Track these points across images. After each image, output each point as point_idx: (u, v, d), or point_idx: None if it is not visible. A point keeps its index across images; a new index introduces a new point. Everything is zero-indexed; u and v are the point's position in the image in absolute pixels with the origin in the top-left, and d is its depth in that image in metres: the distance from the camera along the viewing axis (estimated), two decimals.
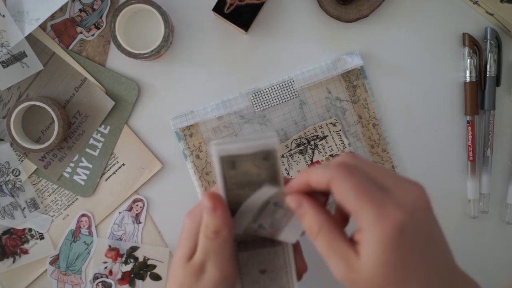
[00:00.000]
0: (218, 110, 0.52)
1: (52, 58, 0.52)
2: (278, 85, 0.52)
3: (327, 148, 0.52)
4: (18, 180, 0.52)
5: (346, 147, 0.53)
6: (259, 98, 0.52)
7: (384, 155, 0.53)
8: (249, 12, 0.49)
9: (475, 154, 0.53)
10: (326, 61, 0.52)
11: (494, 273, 0.54)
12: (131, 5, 0.49)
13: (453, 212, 0.54)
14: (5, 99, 0.52)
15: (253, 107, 0.52)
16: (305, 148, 0.52)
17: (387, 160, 0.53)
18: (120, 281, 0.53)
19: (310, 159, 0.52)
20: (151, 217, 0.53)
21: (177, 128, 0.52)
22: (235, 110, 0.52)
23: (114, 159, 0.53)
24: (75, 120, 0.52)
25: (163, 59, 0.52)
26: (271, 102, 0.52)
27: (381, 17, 0.53)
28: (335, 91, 0.53)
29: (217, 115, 0.52)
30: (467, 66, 0.52)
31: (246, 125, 0.52)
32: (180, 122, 0.52)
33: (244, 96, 0.52)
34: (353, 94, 0.53)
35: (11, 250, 0.53)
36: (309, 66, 0.53)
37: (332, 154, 0.52)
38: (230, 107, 0.52)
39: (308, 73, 0.52)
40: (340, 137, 0.53)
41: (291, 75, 0.52)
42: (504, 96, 0.54)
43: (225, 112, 0.52)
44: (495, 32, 0.52)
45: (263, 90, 0.52)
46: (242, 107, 0.52)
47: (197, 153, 0.52)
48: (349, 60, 0.52)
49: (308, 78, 0.52)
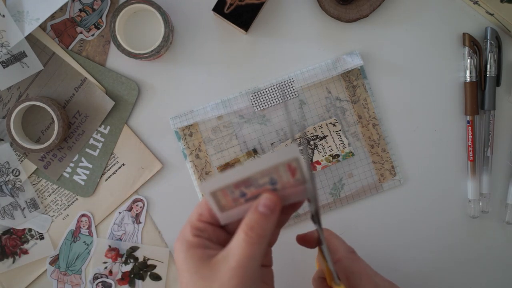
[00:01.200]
0: (217, 110, 0.52)
1: (52, 58, 0.52)
2: (278, 85, 0.52)
3: (327, 148, 0.52)
4: (18, 180, 0.52)
5: (346, 147, 0.53)
6: (259, 98, 0.52)
7: (384, 155, 0.53)
8: (249, 12, 0.49)
9: (475, 154, 0.53)
10: (326, 61, 0.52)
11: (493, 273, 0.54)
12: (131, 5, 0.49)
13: (453, 212, 0.54)
14: (5, 99, 0.52)
15: (253, 106, 0.52)
16: (304, 148, 0.52)
17: (387, 160, 0.53)
18: (120, 281, 0.53)
19: (309, 159, 0.52)
20: (151, 217, 0.53)
21: (176, 127, 0.52)
22: (234, 110, 0.52)
23: (114, 159, 0.53)
24: (75, 120, 0.52)
25: (163, 59, 0.52)
26: (271, 102, 0.52)
27: (381, 17, 0.53)
28: (335, 91, 0.53)
29: (216, 115, 0.52)
30: (467, 66, 0.52)
31: (246, 124, 0.52)
32: (179, 121, 0.52)
33: (244, 95, 0.52)
34: (353, 94, 0.53)
35: (11, 250, 0.53)
36: (309, 66, 0.53)
37: (331, 154, 0.52)
38: (230, 106, 0.52)
39: (308, 73, 0.52)
40: (340, 137, 0.53)
41: (291, 75, 0.52)
42: (504, 96, 0.54)
43: (224, 111, 0.52)
44: (495, 32, 0.52)
45: (263, 90, 0.52)
46: (242, 106, 0.52)
47: (197, 153, 0.52)
48: (349, 60, 0.52)
49: (308, 78, 0.52)
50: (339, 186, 0.53)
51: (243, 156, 0.52)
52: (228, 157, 0.52)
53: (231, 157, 0.52)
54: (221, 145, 0.52)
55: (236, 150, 0.52)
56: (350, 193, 0.53)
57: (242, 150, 0.52)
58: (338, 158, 0.53)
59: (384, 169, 0.53)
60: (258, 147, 0.52)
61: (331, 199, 0.53)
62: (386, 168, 0.53)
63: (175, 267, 0.53)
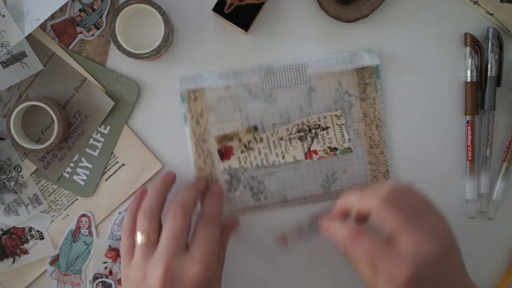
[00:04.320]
0: (227, 79, 0.52)
1: (52, 58, 0.52)
2: (291, 67, 0.52)
3: (327, 139, 0.52)
4: (20, 176, 0.52)
5: (346, 142, 0.52)
6: (270, 76, 0.52)
7: (381, 157, 0.53)
8: (249, 12, 0.49)
9: (474, 154, 0.53)
10: (343, 53, 0.52)
11: (492, 273, 0.54)
12: (131, 5, 0.49)
13: (451, 212, 0.53)
14: (5, 99, 0.52)
15: (262, 83, 0.52)
16: (305, 135, 0.52)
17: (383, 163, 0.53)
18: (120, 281, 0.53)
19: (308, 147, 0.52)
20: None
21: (183, 88, 0.52)
22: (244, 83, 0.52)
23: (114, 159, 0.53)
24: (75, 120, 0.52)
25: (163, 59, 0.52)
26: (281, 83, 0.52)
27: (381, 17, 0.53)
28: (346, 85, 0.53)
29: (225, 84, 0.52)
30: (468, 66, 0.52)
31: (251, 100, 0.52)
32: (187, 83, 0.52)
33: (255, 71, 0.52)
34: (363, 91, 0.53)
35: (11, 250, 0.53)
36: (325, 55, 0.52)
37: (330, 146, 0.52)
38: (240, 79, 0.52)
39: (324, 61, 0.52)
40: (342, 131, 0.53)
41: (306, 60, 0.52)
42: (505, 96, 0.53)
43: (234, 82, 0.52)
44: (497, 32, 0.52)
45: (276, 69, 0.52)
46: (252, 81, 0.52)
47: (198, 119, 0.52)
48: (366, 57, 0.52)
49: (322, 66, 0.52)
50: (332, 180, 0.53)
51: (243, 131, 0.52)
52: (228, 129, 0.52)
53: (231, 129, 0.52)
54: (223, 116, 0.52)
55: (237, 124, 0.52)
56: (341, 188, 0.53)
57: (243, 125, 0.52)
58: (336, 151, 0.53)
59: (378, 171, 0.53)
60: (260, 125, 0.52)
61: (321, 190, 0.53)
62: (380, 171, 0.53)
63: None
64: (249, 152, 0.52)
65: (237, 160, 0.52)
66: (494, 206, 0.53)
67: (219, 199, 0.49)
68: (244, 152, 0.52)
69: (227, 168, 0.52)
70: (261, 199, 0.53)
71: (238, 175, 0.53)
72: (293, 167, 0.53)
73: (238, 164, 0.52)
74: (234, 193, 0.53)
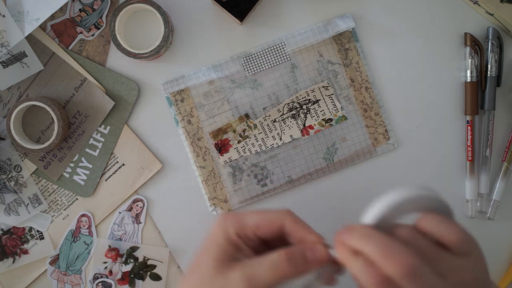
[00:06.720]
0: (209, 74, 0.52)
1: (52, 58, 0.52)
2: (269, 49, 0.52)
3: (320, 112, 0.52)
4: (20, 176, 0.52)
5: (339, 111, 0.52)
6: (250, 62, 0.52)
7: (377, 118, 0.53)
8: (246, 2, 0.49)
9: (474, 154, 0.53)
10: (317, 24, 0.52)
11: (492, 273, 0.54)
12: (131, 5, 0.49)
13: None
14: (5, 99, 0.52)
15: (244, 71, 0.52)
16: (297, 113, 0.52)
17: (380, 124, 0.53)
18: (120, 281, 0.53)
19: (302, 124, 0.52)
20: (151, 217, 0.53)
21: (168, 92, 0.52)
22: (226, 74, 0.52)
23: (114, 159, 0.53)
24: (75, 120, 0.52)
25: (163, 59, 0.52)
26: (263, 66, 0.52)
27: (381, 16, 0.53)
28: (327, 54, 0.53)
29: (208, 79, 0.52)
30: (468, 66, 0.52)
31: (237, 89, 0.52)
32: (171, 86, 0.52)
33: (235, 60, 0.52)
34: (345, 57, 0.53)
35: (11, 250, 0.53)
36: (300, 29, 0.52)
37: (324, 118, 0.52)
38: (221, 71, 0.52)
39: (300, 36, 0.52)
40: (333, 101, 0.53)
41: (282, 38, 0.52)
42: (505, 96, 0.54)
43: (216, 76, 0.52)
44: (497, 32, 0.52)
45: (255, 54, 0.52)
46: (234, 71, 0.52)
47: (189, 118, 0.52)
48: (340, 22, 0.52)
49: (299, 41, 0.52)
50: (333, 151, 0.53)
51: (236, 121, 0.52)
52: (220, 123, 0.52)
53: (223, 122, 0.52)
54: (213, 110, 0.52)
55: (228, 115, 0.52)
56: (344, 157, 0.53)
57: (234, 115, 0.52)
58: (331, 122, 0.53)
59: (377, 133, 0.53)
60: (250, 112, 0.52)
61: (324, 163, 0.53)
62: (379, 132, 0.53)
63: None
64: (246, 141, 0.52)
65: (236, 151, 0.52)
66: (494, 206, 0.53)
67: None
68: (241, 141, 0.52)
69: (228, 161, 0.53)
70: (267, 184, 0.53)
71: (239, 165, 0.53)
72: (292, 146, 0.53)
73: (237, 155, 0.53)
74: (240, 184, 0.53)
